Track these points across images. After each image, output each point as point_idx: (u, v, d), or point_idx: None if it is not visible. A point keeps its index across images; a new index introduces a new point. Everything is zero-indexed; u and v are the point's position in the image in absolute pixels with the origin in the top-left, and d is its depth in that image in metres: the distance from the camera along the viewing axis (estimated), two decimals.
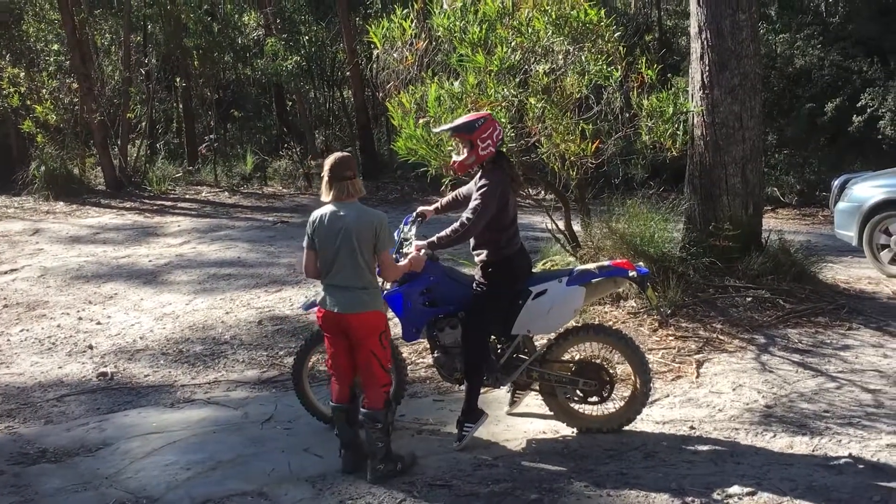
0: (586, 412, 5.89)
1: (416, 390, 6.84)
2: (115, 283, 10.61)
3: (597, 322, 7.54)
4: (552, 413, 5.91)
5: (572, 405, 5.88)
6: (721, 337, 7.58)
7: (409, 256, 5.57)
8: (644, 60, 7.94)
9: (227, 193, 18.62)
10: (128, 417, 6.45)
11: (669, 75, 12.00)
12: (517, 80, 7.96)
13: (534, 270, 6.14)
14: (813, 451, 5.41)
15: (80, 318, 9.11)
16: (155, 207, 16.92)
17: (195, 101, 23.35)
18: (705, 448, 5.53)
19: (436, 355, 5.86)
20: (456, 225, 5.59)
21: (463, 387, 5.88)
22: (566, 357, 5.89)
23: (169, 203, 17.43)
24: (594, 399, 5.80)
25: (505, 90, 7.81)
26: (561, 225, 9.02)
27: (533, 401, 6.21)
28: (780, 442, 5.57)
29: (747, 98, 8.67)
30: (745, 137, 8.70)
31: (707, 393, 6.51)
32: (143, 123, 20.91)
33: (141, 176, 19.12)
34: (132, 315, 9.20)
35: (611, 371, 5.80)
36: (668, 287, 8.02)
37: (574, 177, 8.42)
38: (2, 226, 14.94)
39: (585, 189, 9.32)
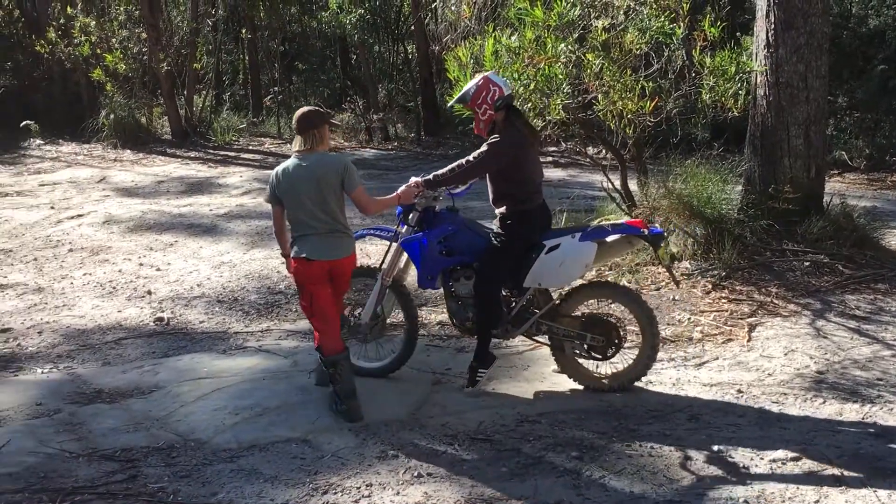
0: (593, 368, 5.93)
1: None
2: (175, 231, 10.81)
3: (610, 280, 7.54)
4: (559, 368, 5.95)
5: (580, 360, 5.90)
6: (776, 301, 7.46)
7: (400, 189, 5.72)
8: (708, 18, 7.77)
9: (289, 145, 18.72)
10: (181, 362, 6.59)
11: (739, 34, 11.68)
12: (576, 35, 7.86)
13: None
14: (863, 418, 5.32)
15: (141, 264, 9.31)
16: (218, 158, 17.12)
17: (261, 54, 23.49)
18: (752, 412, 5.47)
19: (449, 304, 5.95)
20: (454, 165, 5.73)
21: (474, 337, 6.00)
22: (576, 312, 5.91)
23: (232, 154, 17.62)
24: (601, 355, 5.81)
25: (563, 45, 7.72)
26: (617, 184, 8.92)
27: None
28: (829, 408, 5.48)
29: (813, 58, 8.43)
30: (809, 98, 8.47)
31: (758, 357, 6.42)
32: (210, 74, 21.11)
33: (206, 126, 19.35)
34: (191, 262, 9.37)
35: (619, 328, 5.78)
36: (723, 249, 7.90)
37: (631, 135, 8.30)
38: (71, 172, 15.31)
39: (643, 148, 9.19)
